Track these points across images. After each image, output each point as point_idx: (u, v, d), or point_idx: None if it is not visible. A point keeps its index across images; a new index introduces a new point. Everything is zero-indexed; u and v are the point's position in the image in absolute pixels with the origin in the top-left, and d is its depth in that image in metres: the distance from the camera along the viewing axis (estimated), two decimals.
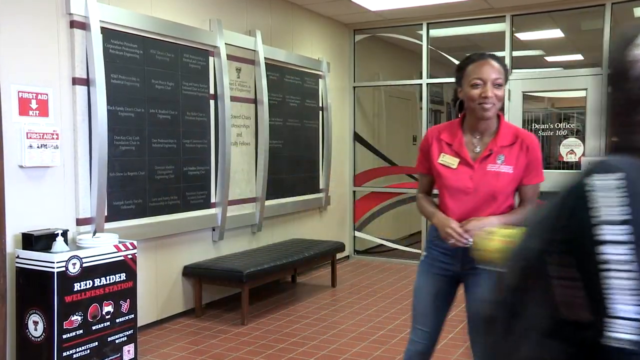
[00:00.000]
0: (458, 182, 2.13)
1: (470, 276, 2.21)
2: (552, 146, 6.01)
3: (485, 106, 2.08)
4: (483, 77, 2.08)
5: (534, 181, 2.17)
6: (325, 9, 6.04)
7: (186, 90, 4.42)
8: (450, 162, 2.16)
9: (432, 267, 2.27)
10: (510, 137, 2.14)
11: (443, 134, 2.21)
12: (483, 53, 2.16)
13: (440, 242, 2.21)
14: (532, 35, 6.32)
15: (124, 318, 3.44)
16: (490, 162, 2.12)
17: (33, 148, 3.29)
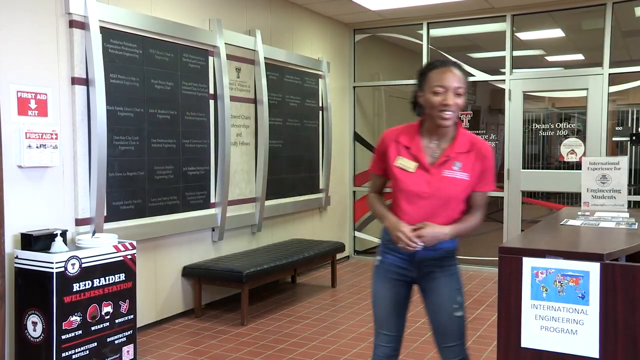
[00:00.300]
0: (415, 186, 2.13)
1: (427, 281, 2.23)
2: (553, 146, 6.01)
3: (445, 114, 2.09)
4: (445, 85, 2.09)
5: (485, 189, 2.20)
6: (325, 8, 6.03)
7: (186, 90, 4.41)
8: (407, 165, 2.16)
9: (388, 273, 2.27)
10: (467, 144, 2.17)
11: (401, 137, 2.21)
12: (446, 60, 2.19)
13: (394, 246, 2.21)
14: (532, 34, 6.31)
15: (123, 318, 3.43)
16: (446, 167, 2.13)
17: (32, 148, 3.29)
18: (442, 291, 2.20)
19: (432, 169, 2.13)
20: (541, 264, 1.91)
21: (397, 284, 2.26)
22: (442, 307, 2.21)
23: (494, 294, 5.16)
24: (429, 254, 2.18)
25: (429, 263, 2.20)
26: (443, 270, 2.21)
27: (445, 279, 2.20)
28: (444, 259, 2.21)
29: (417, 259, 2.20)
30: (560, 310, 1.88)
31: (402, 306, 2.30)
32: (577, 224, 2.59)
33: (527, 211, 6.09)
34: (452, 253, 2.24)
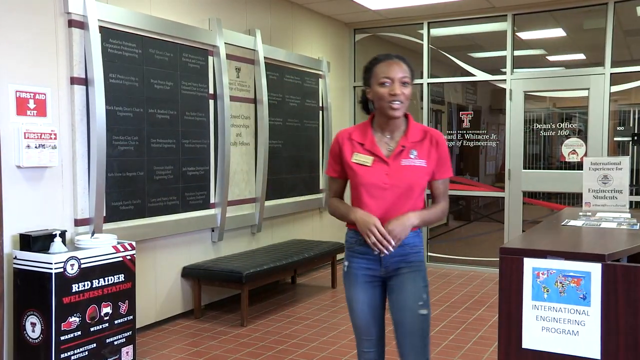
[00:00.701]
0: (374, 178, 2.15)
1: (393, 278, 2.22)
2: (554, 146, 6.01)
3: (394, 104, 2.13)
4: (391, 76, 2.13)
5: (444, 175, 2.24)
6: (325, 8, 6.03)
7: (185, 90, 4.41)
8: (364, 160, 2.19)
9: (358, 277, 2.24)
10: (419, 133, 2.21)
11: (354, 135, 2.24)
12: (389, 54, 2.21)
13: (361, 248, 2.21)
14: (533, 34, 6.31)
15: (123, 319, 3.43)
16: (403, 157, 2.17)
17: (31, 148, 3.28)
18: (407, 288, 2.19)
19: (389, 160, 2.16)
20: (542, 264, 1.91)
21: (369, 286, 2.24)
22: (406, 304, 2.19)
23: (494, 294, 5.16)
24: (396, 251, 2.17)
25: (395, 259, 2.19)
26: (410, 266, 2.20)
27: (411, 274, 2.20)
28: (409, 255, 2.20)
29: (383, 256, 2.18)
30: (561, 311, 1.88)
31: (379, 308, 2.27)
32: (578, 225, 2.58)
33: (528, 211, 6.09)
34: (418, 248, 2.23)
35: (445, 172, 2.24)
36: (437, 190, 2.26)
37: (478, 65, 6.36)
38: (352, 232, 2.26)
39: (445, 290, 5.38)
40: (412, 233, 2.19)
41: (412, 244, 2.21)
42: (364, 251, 2.21)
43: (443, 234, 7.21)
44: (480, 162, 6.83)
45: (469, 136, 6.33)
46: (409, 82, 2.16)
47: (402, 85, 2.14)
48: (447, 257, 6.46)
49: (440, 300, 5.04)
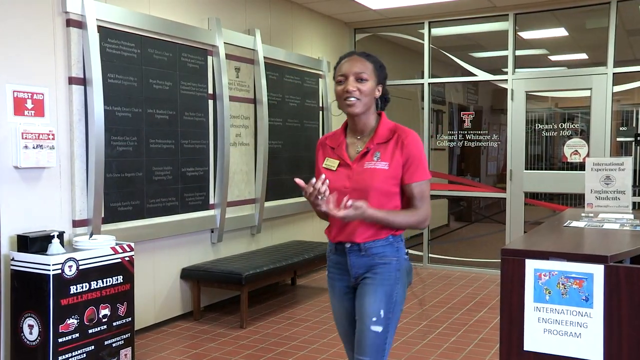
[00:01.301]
0: (337, 182, 2.09)
1: (358, 288, 2.15)
2: (556, 147, 6.00)
3: (348, 101, 2.07)
4: (344, 72, 2.08)
5: (416, 179, 2.07)
6: (326, 7, 6.03)
7: (184, 90, 4.41)
8: (331, 164, 2.15)
9: (333, 287, 2.22)
10: (387, 133, 2.12)
11: (328, 140, 2.22)
12: (352, 51, 2.19)
13: (334, 257, 2.19)
14: (535, 34, 6.31)
15: (121, 321, 3.42)
16: (367, 160, 2.09)
17: (28, 148, 3.28)
18: (366, 299, 2.08)
19: (353, 164, 2.11)
20: (544, 265, 1.91)
21: (345, 298, 2.19)
22: (361, 316, 2.09)
23: (496, 296, 5.15)
24: (362, 260, 2.10)
25: (362, 270, 2.12)
26: (374, 277, 2.09)
27: (374, 287, 2.08)
28: (377, 266, 2.09)
29: (350, 265, 2.13)
30: (563, 313, 1.88)
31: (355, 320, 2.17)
32: (580, 226, 2.58)
33: (529, 212, 6.08)
34: (387, 259, 2.10)
35: (415, 174, 2.07)
36: (410, 195, 2.09)
37: (479, 65, 6.36)
38: (329, 240, 2.23)
39: (446, 292, 5.37)
40: (380, 242, 2.09)
41: (380, 254, 2.09)
42: (336, 260, 2.18)
43: (444, 235, 7.21)
44: (482, 162, 6.83)
45: (470, 136, 6.32)
46: (367, 78, 2.07)
47: (357, 81, 2.07)
48: (448, 258, 6.46)
49: (441, 302, 5.04)
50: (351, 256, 2.12)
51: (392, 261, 2.10)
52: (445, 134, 6.60)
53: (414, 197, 2.09)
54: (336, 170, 2.13)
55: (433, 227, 6.73)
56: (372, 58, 2.14)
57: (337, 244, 2.16)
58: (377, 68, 2.13)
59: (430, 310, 4.76)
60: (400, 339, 4.05)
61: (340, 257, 2.16)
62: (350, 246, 2.11)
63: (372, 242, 2.09)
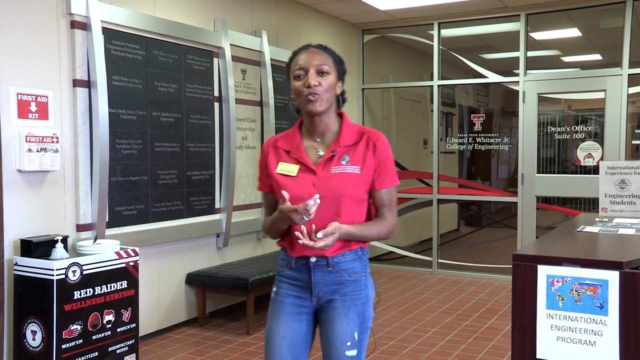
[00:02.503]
0: (299, 189, 1.87)
1: (325, 311, 1.95)
2: (569, 150, 5.97)
3: (311, 97, 1.87)
4: (303, 65, 1.92)
5: (386, 184, 1.94)
6: (333, 8, 6.03)
7: (190, 93, 4.42)
8: (289, 169, 1.92)
9: (283, 306, 1.97)
10: (354, 135, 1.94)
11: (280, 142, 1.99)
12: (307, 44, 2.03)
13: (290, 272, 1.96)
14: (547, 34, 6.29)
15: (125, 327, 3.43)
16: (334, 164, 1.90)
17: (32, 152, 3.30)
18: (337, 325, 1.91)
19: (317, 169, 1.90)
20: (557, 272, 1.89)
21: (295, 319, 1.96)
22: (333, 343, 1.91)
23: (507, 303, 5.12)
24: (328, 277, 1.91)
25: (328, 289, 1.92)
26: (344, 299, 1.92)
27: (343, 310, 1.92)
28: (346, 284, 1.93)
29: (314, 283, 1.92)
30: (577, 320, 1.86)
31: (301, 348, 1.96)
32: (594, 231, 2.56)
33: (542, 217, 6.05)
34: (357, 275, 1.95)
35: (387, 180, 1.94)
36: (380, 202, 1.95)
37: (490, 66, 6.34)
38: (283, 253, 2.00)
39: (456, 298, 5.35)
40: (349, 255, 1.92)
41: (350, 270, 1.93)
42: (293, 277, 1.96)
43: (454, 240, 7.18)
44: (492, 166, 6.80)
45: (481, 140, 6.30)
46: (328, 72, 1.91)
47: (319, 75, 1.90)
48: (458, 263, 6.43)
49: (451, 308, 5.02)
50: (316, 272, 1.92)
51: (361, 278, 1.96)
52: (455, 137, 6.58)
53: (383, 204, 1.95)
54: (297, 176, 1.91)
55: (443, 232, 6.71)
56: (330, 51, 2.01)
57: (297, 258, 1.93)
58: (336, 61, 1.99)
59: (440, 317, 4.74)
60: (409, 346, 4.04)
61: (299, 273, 1.94)
62: (316, 261, 1.91)
63: (342, 256, 1.91)
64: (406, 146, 7.18)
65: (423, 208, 6.68)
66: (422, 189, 6.66)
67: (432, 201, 6.49)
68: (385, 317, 4.74)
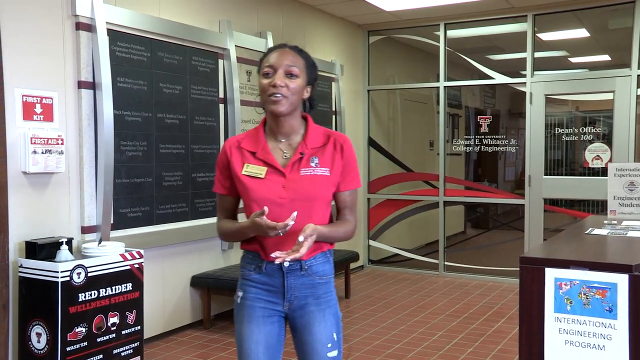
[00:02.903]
0: (269, 192, 1.86)
1: (299, 316, 1.94)
2: (577, 151, 5.95)
3: (273, 97, 1.85)
4: (273, 64, 1.88)
5: (351, 186, 1.98)
6: (338, 9, 6.04)
7: (195, 94, 4.43)
8: (256, 171, 1.89)
9: (253, 310, 1.94)
10: (321, 137, 1.95)
11: (244, 143, 1.95)
12: (282, 44, 2.00)
13: (259, 276, 1.94)
14: (555, 35, 6.27)
15: (130, 330, 3.43)
16: (303, 166, 1.90)
17: (37, 154, 3.31)
18: (317, 329, 1.92)
19: (286, 170, 1.89)
20: (565, 275, 1.88)
21: (267, 322, 1.94)
22: (314, 347, 1.91)
23: (514, 306, 5.10)
24: (301, 281, 1.91)
25: (301, 292, 1.93)
26: (318, 301, 1.94)
27: (320, 313, 1.94)
28: (318, 287, 1.94)
29: (287, 287, 1.91)
30: (586, 324, 1.85)
31: (276, 350, 1.96)
32: (603, 233, 2.55)
33: (549, 220, 6.02)
34: (328, 277, 1.97)
35: (352, 182, 1.98)
36: (344, 204, 1.98)
37: (497, 67, 6.33)
38: (250, 256, 1.98)
39: (463, 301, 5.33)
40: (320, 257, 1.95)
41: (321, 273, 1.95)
42: (262, 281, 1.94)
43: (460, 243, 7.16)
44: (499, 168, 6.78)
45: (487, 141, 6.29)
46: (297, 74, 1.89)
47: (287, 76, 1.87)
48: (465, 266, 6.41)
49: (458, 311, 5.00)
50: (289, 277, 1.91)
51: (330, 280, 1.99)
52: (461, 139, 6.56)
53: (347, 206, 1.99)
54: (265, 178, 1.89)
55: (449, 234, 6.70)
56: (304, 54, 1.99)
57: (268, 262, 1.90)
58: (308, 66, 1.96)
59: (447, 320, 4.72)
60: (415, 349, 4.03)
61: (270, 277, 1.92)
62: (290, 265, 1.89)
63: (314, 259, 1.93)
64: (412, 148, 7.17)
65: (429, 210, 6.66)
66: (428, 191, 6.65)
67: (438, 203, 6.47)
68: (391, 320, 4.73)
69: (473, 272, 6.34)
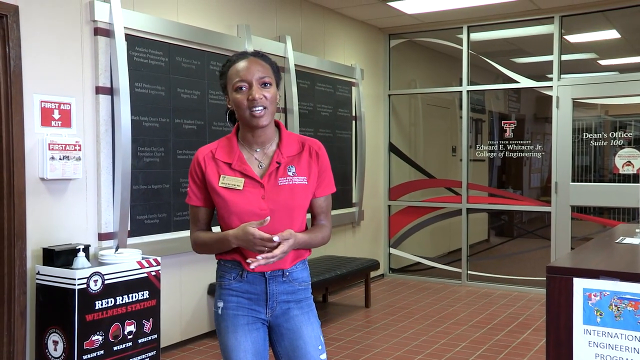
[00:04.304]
0: (249, 204, 1.89)
1: (283, 322, 1.98)
2: (606, 157, 5.86)
3: (255, 111, 1.88)
4: (245, 77, 1.90)
5: (326, 192, 2.02)
6: (359, 12, 6.04)
7: (213, 100, 4.46)
8: (234, 183, 1.92)
9: (237, 319, 1.97)
10: (296, 145, 1.98)
11: (218, 153, 1.96)
12: (244, 52, 2.02)
13: (239, 284, 1.96)
14: (583, 36, 6.19)
15: (147, 338, 3.45)
16: (280, 175, 1.93)
17: (55, 160, 3.36)
18: (305, 331, 1.97)
19: (264, 181, 1.92)
20: (594, 285, 1.85)
21: (250, 329, 1.97)
22: (307, 350, 1.96)
23: (541, 317, 5.03)
24: (282, 288, 1.96)
25: (283, 298, 1.97)
26: (300, 306, 1.99)
27: (304, 316, 1.99)
28: (298, 292, 2.00)
29: (269, 294, 1.95)
30: (617, 337, 1.81)
31: (262, 356, 1.99)
32: (635, 243, 2.50)
33: (577, 228, 5.94)
34: (306, 284, 2.03)
35: (327, 187, 2.02)
36: (319, 209, 2.02)
37: (522, 71, 6.27)
38: (227, 265, 1.99)
39: (486, 312, 5.27)
40: (300, 265, 2.00)
41: (300, 279, 2.00)
42: (244, 289, 1.96)
43: (484, 251, 7.09)
44: (524, 174, 6.71)
45: (512, 147, 6.23)
46: (270, 82, 1.92)
47: (261, 87, 1.90)
48: (489, 275, 6.34)
49: (482, 322, 4.94)
50: (271, 284, 1.95)
51: (308, 286, 2.05)
52: (485, 144, 6.51)
53: (322, 211, 2.03)
54: (243, 189, 1.91)
55: (472, 242, 6.64)
56: (268, 59, 1.99)
57: (248, 271, 1.94)
58: (275, 70, 1.98)
59: (470, 331, 4.67)
60: None
61: (251, 285, 1.96)
62: (271, 272, 1.94)
63: (295, 266, 1.98)
64: (434, 154, 7.13)
65: (452, 218, 6.61)
66: (450, 198, 6.60)
67: (461, 210, 6.42)
68: (413, 331, 4.70)
69: (497, 282, 6.27)
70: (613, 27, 6.07)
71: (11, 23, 3.19)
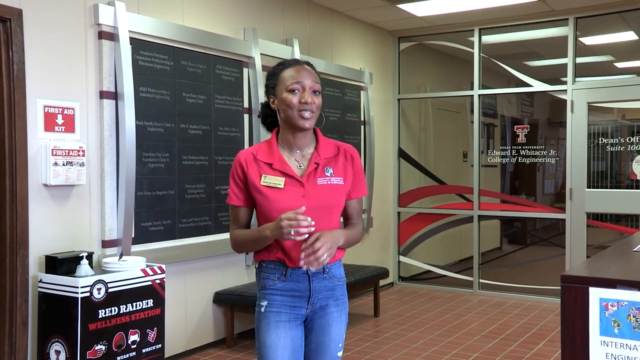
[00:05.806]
0: (290, 202, 2.01)
1: (319, 317, 2.12)
2: (623, 163, 5.82)
3: (304, 114, 2.05)
4: (301, 81, 2.07)
5: (360, 194, 2.20)
6: (368, 15, 6.05)
7: (219, 104, 4.47)
8: (275, 182, 2.06)
9: (279, 316, 2.08)
10: (332, 148, 2.16)
11: (259, 154, 2.11)
12: (297, 59, 2.19)
13: (283, 284, 2.07)
14: (599, 39, 6.17)
15: (151, 348, 3.45)
16: (319, 175, 2.09)
17: (58, 165, 3.37)
18: (332, 329, 2.12)
19: (303, 180, 2.06)
20: (611, 295, 1.83)
21: (291, 326, 2.08)
22: (328, 346, 2.12)
23: (555, 327, 4.99)
24: (324, 284, 2.10)
25: (323, 295, 2.11)
26: (337, 303, 2.14)
27: (337, 313, 2.14)
28: (337, 288, 2.14)
29: (312, 290, 2.08)
30: (636, 349, 1.79)
31: (299, 353, 2.10)
32: None
33: (592, 235, 5.90)
34: (343, 280, 2.18)
35: (361, 190, 2.20)
36: (353, 210, 2.20)
37: (535, 74, 6.25)
38: (271, 267, 2.10)
39: (499, 321, 5.24)
40: (337, 263, 2.15)
41: (338, 276, 2.15)
42: (288, 287, 2.08)
43: (496, 259, 7.06)
44: (538, 180, 6.68)
45: (525, 152, 6.20)
46: (320, 91, 2.11)
47: (312, 93, 2.07)
48: (501, 284, 6.31)
49: (494, 332, 4.91)
50: (314, 281, 2.08)
51: (344, 282, 2.19)
52: (497, 150, 6.49)
53: (355, 213, 2.21)
54: (284, 188, 2.05)
55: (484, 250, 6.60)
56: (316, 70, 2.17)
57: (292, 269, 2.07)
58: (320, 82, 2.15)
59: (482, 342, 4.64)
60: None
61: (295, 283, 2.08)
62: (315, 269, 2.03)
63: (333, 264, 2.13)
64: (445, 159, 7.11)
65: (463, 225, 6.58)
66: (462, 205, 6.58)
67: (472, 217, 6.39)
68: (423, 341, 4.67)
69: (510, 291, 6.23)
70: (630, 29, 6.04)
71: (14, 27, 3.21)
